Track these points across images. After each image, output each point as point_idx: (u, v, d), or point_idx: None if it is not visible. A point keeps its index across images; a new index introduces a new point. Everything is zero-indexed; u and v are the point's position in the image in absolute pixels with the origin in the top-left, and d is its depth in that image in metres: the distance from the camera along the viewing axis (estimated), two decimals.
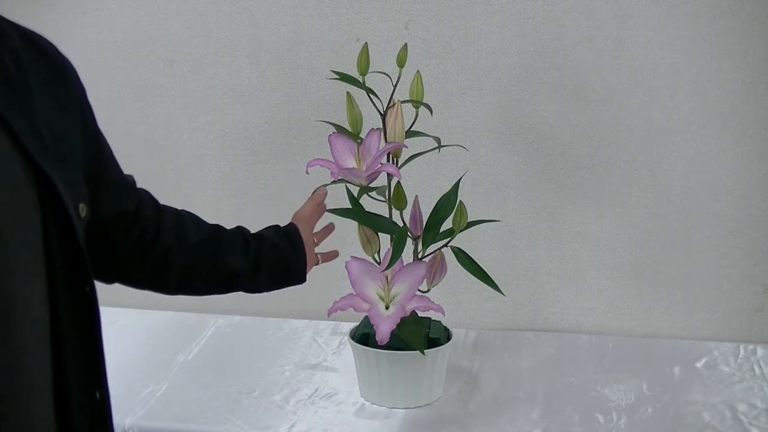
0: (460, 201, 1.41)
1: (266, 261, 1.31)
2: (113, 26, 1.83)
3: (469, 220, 1.41)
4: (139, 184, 1.21)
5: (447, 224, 1.44)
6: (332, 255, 1.44)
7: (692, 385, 1.55)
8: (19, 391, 0.89)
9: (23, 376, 0.89)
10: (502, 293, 1.39)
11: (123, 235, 1.16)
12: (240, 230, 1.33)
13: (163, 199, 1.26)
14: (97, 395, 0.99)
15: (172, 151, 1.88)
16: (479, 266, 1.41)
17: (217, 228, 1.31)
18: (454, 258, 1.41)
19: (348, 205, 1.47)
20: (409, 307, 1.41)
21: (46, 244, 0.92)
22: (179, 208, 1.28)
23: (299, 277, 1.36)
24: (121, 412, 1.50)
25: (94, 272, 1.00)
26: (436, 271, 1.46)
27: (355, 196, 1.47)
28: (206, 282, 1.28)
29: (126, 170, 1.17)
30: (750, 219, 1.69)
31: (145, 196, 1.22)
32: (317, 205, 1.42)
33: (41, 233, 0.91)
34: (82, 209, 0.98)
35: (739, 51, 1.61)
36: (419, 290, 1.43)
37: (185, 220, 1.27)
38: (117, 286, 1.22)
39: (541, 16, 1.66)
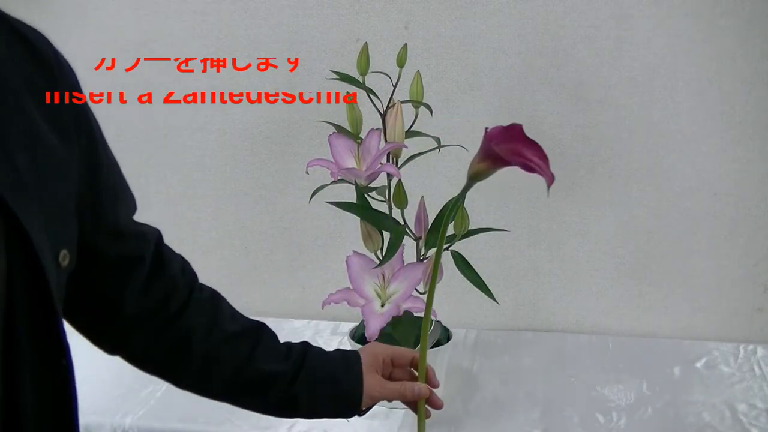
0: (462, 205, 1.41)
1: (310, 367, 1.04)
2: (113, 26, 1.83)
3: (470, 223, 1.41)
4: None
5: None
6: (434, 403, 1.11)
7: (692, 385, 1.55)
8: None
9: None
10: (496, 301, 1.40)
11: (130, 292, 0.92)
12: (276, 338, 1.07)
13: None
14: None
15: (172, 151, 1.88)
16: (476, 273, 1.41)
17: (257, 324, 1.06)
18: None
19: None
20: (404, 307, 1.41)
21: (9, 303, 0.71)
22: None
23: (353, 397, 1.04)
24: (121, 412, 1.50)
25: (93, 337, 0.87)
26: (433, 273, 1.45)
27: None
28: (229, 380, 1.02)
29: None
30: (750, 219, 1.69)
31: (173, 256, 0.99)
32: (401, 386, 1.08)
33: (4, 292, 0.70)
34: (64, 257, 0.76)
35: (739, 51, 1.61)
36: (417, 291, 1.43)
37: (223, 303, 1.04)
38: None
39: (541, 16, 1.66)
